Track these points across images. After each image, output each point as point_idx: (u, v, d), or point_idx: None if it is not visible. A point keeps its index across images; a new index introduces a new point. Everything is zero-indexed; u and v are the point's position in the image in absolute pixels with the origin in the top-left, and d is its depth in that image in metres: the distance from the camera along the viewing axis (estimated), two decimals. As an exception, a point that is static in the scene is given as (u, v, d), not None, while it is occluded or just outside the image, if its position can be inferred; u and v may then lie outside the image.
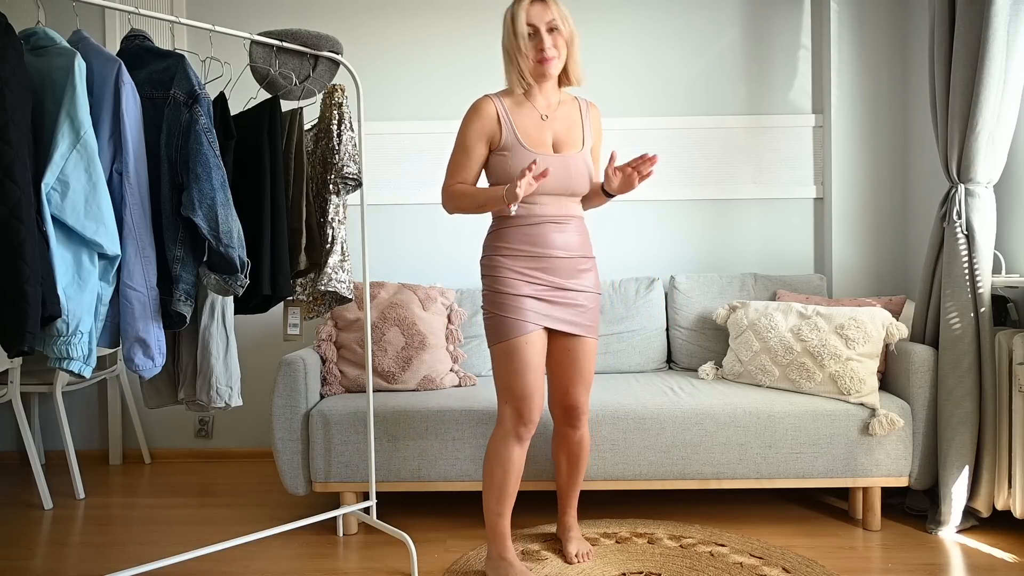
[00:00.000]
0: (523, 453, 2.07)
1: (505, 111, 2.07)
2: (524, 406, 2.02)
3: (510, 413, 2.04)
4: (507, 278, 2.04)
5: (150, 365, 1.78)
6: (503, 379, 2.04)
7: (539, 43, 2.01)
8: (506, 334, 2.02)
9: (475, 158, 2.07)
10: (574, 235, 2.10)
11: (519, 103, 2.09)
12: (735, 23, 3.31)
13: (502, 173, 2.05)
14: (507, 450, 2.04)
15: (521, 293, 2.03)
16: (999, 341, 2.33)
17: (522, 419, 2.03)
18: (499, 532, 2.09)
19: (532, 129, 2.07)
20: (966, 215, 2.42)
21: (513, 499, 2.09)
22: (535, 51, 2.02)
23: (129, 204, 1.72)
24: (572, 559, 2.21)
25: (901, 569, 2.19)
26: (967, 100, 2.38)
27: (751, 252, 3.33)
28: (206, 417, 3.42)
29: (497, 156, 2.06)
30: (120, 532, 2.57)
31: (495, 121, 2.05)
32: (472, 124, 2.06)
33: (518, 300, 2.03)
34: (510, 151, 2.04)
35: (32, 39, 1.65)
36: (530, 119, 2.08)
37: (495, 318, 2.05)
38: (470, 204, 2.06)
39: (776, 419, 2.44)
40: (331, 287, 2.19)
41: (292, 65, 2.14)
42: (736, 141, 3.29)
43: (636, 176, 2.03)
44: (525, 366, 2.01)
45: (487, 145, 2.07)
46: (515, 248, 2.05)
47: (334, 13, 3.32)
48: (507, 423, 2.04)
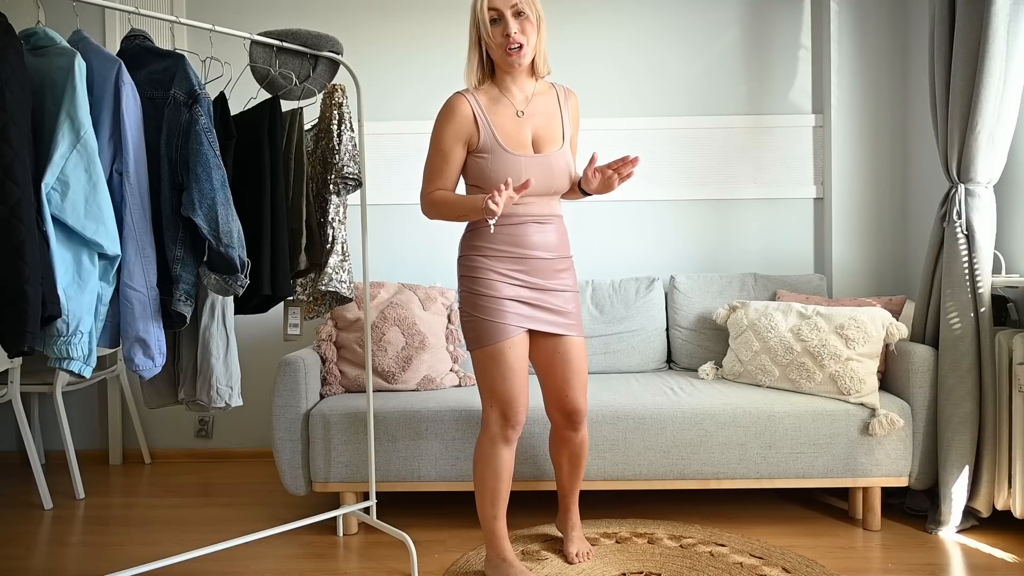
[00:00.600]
0: (512, 454, 2.05)
1: (481, 110, 1.97)
2: (510, 409, 1.99)
3: (496, 417, 2.01)
4: (489, 279, 1.99)
5: (150, 365, 1.78)
6: (488, 383, 2.00)
7: (504, 28, 1.90)
8: (490, 338, 1.97)
9: (453, 162, 1.98)
10: (554, 235, 2.05)
11: (495, 99, 1.99)
12: (735, 23, 3.31)
13: (480, 176, 1.98)
14: (496, 453, 2.02)
15: (504, 295, 1.98)
16: (999, 341, 2.33)
17: (509, 422, 2.00)
18: (497, 534, 2.08)
19: (511, 128, 1.98)
20: (966, 215, 2.42)
21: (507, 500, 2.07)
22: (501, 38, 1.91)
23: (129, 204, 1.72)
24: (573, 559, 2.21)
25: (901, 569, 2.19)
26: (967, 100, 2.38)
27: (751, 252, 3.33)
28: (206, 417, 3.42)
29: (476, 158, 1.98)
30: (120, 532, 2.57)
31: (471, 121, 1.96)
32: (447, 126, 1.96)
33: (501, 303, 1.98)
34: (490, 153, 1.96)
35: (32, 39, 1.65)
36: (507, 117, 1.99)
37: (477, 321, 1.99)
38: (450, 214, 1.98)
39: (776, 419, 2.44)
40: (331, 287, 2.19)
41: (292, 65, 2.13)
42: (736, 141, 3.29)
43: (616, 178, 1.95)
44: (510, 370, 1.97)
45: (465, 147, 1.98)
46: (498, 248, 1.99)
47: (334, 13, 3.32)
48: (493, 427, 2.02)
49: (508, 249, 2.00)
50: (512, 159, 1.95)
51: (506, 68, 1.97)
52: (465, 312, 2.04)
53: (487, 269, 2.00)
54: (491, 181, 1.94)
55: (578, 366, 2.08)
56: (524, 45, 1.92)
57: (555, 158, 2.01)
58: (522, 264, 2.01)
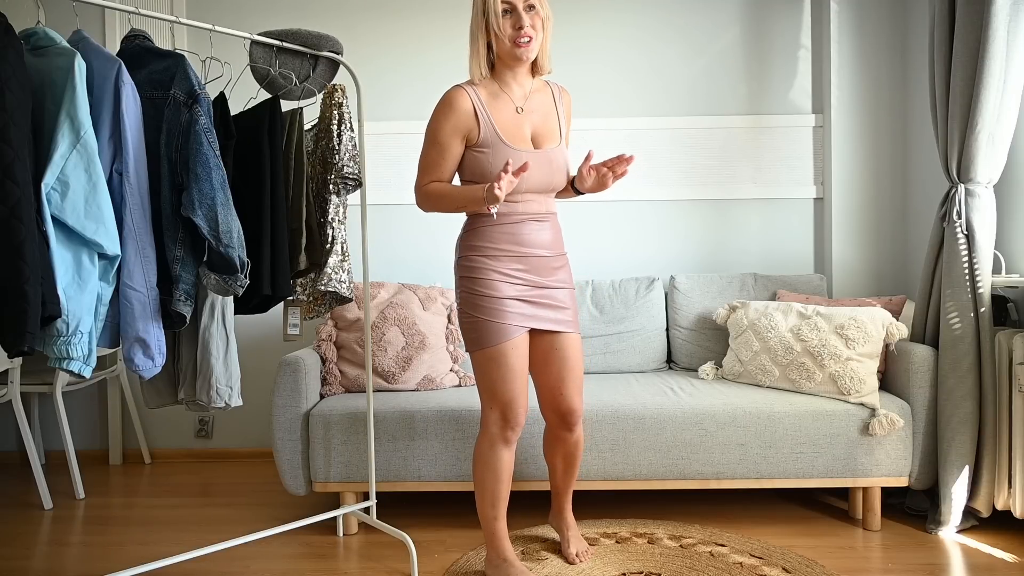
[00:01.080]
0: (511, 456, 2.05)
1: (482, 104, 1.95)
2: (511, 411, 1.99)
3: (496, 418, 2.00)
4: (491, 280, 1.97)
5: (150, 365, 1.78)
6: (488, 385, 1.99)
7: (517, 21, 1.89)
8: (492, 340, 1.96)
9: (450, 156, 1.97)
10: (550, 232, 2.05)
11: (494, 94, 1.98)
12: (735, 23, 3.31)
13: (478, 170, 1.96)
14: (495, 455, 2.02)
15: (506, 295, 1.97)
16: (999, 341, 2.33)
17: (508, 424, 2.00)
18: (497, 534, 2.07)
19: (511, 124, 1.97)
20: (966, 215, 2.42)
21: (507, 501, 2.07)
22: (512, 30, 1.90)
23: (129, 204, 1.72)
24: (573, 559, 2.20)
25: (901, 569, 2.19)
26: (967, 100, 2.38)
27: (751, 252, 3.33)
28: (206, 417, 3.42)
29: (474, 153, 1.96)
30: (120, 532, 2.57)
31: (471, 115, 1.94)
32: (446, 119, 1.94)
33: (503, 303, 1.97)
34: (491, 148, 1.94)
35: (32, 39, 1.65)
36: (507, 112, 1.98)
37: (478, 322, 1.97)
38: (448, 205, 1.98)
39: (776, 419, 2.44)
40: (331, 287, 2.19)
41: (292, 65, 2.13)
42: (736, 141, 3.29)
43: (611, 176, 1.96)
44: (511, 372, 1.96)
45: (463, 142, 1.96)
46: (500, 248, 1.98)
47: (334, 13, 3.32)
48: (493, 428, 2.01)
49: (508, 248, 1.99)
50: (513, 153, 1.94)
51: (511, 61, 1.96)
52: (466, 313, 2.02)
53: (488, 269, 1.98)
54: (489, 176, 1.92)
55: (574, 364, 2.07)
56: (534, 39, 1.92)
57: (555, 154, 2.02)
58: (522, 263, 2.00)
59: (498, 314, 1.96)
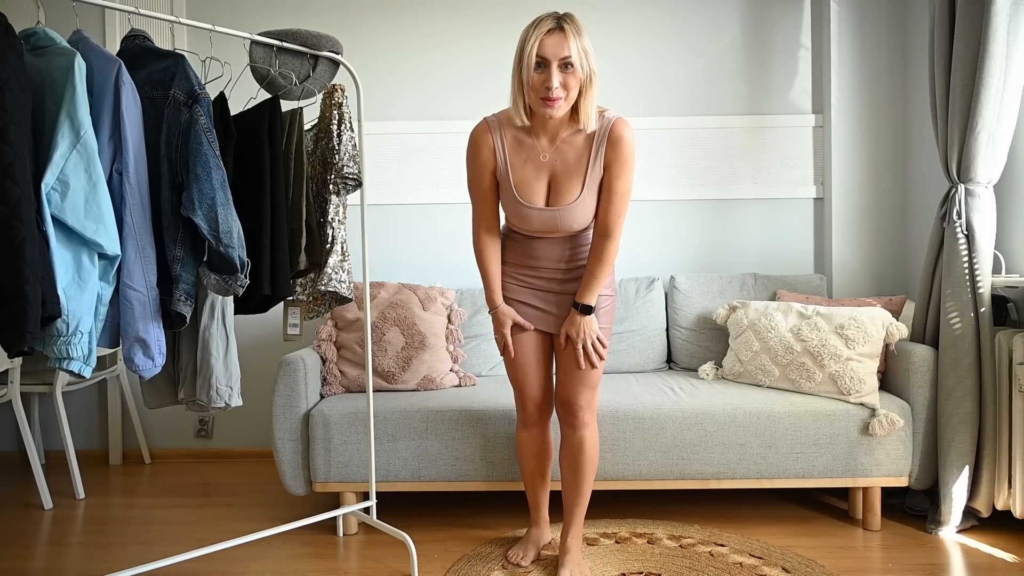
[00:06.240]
0: (531, 438, 2.22)
1: (502, 146, 1.99)
2: (519, 397, 2.20)
3: (517, 404, 2.22)
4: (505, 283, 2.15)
5: (150, 365, 1.78)
6: (508, 375, 2.21)
7: (547, 79, 1.82)
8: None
9: (487, 191, 2.06)
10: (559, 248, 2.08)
11: (520, 140, 1.99)
12: (735, 23, 3.31)
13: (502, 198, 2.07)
14: (519, 436, 2.25)
15: (513, 297, 2.14)
16: (999, 341, 2.33)
17: (521, 407, 2.21)
18: (530, 505, 2.29)
19: (527, 175, 1.99)
20: (966, 215, 2.42)
21: (534, 477, 2.25)
22: (540, 87, 1.84)
23: (129, 204, 1.72)
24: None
25: (901, 569, 2.19)
26: (967, 100, 2.38)
27: (751, 252, 3.33)
28: (206, 417, 3.42)
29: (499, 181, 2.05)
30: (120, 532, 2.57)
31: (491, 153, 2.00)
32: (474, 159, 2.03)
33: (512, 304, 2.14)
34: (503, 191, 2.04)
35: (32, 39, 1.65)
36: (528, 161, 1.99)
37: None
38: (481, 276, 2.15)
39: (776, 419, 2.44)
40: (331, 287, 2.19)
41: (292, 65, 2.13)
42: (736, 141, 3.29)
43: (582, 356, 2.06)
44: (516, 362, 2.15)
45: (492, 175, 2.04)
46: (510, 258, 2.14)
47: (334, 13, 3.32)
48: (517, 413, 2.24)
49: (519, 259, 2.13)
50: (519, 207, 2.02)
51: (539, 114, 1.92)
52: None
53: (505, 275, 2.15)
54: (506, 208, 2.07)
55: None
56: (562, 100, 1.84)
57: (564, 213, 2.00)
58: (533, 271, 2.12)
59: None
